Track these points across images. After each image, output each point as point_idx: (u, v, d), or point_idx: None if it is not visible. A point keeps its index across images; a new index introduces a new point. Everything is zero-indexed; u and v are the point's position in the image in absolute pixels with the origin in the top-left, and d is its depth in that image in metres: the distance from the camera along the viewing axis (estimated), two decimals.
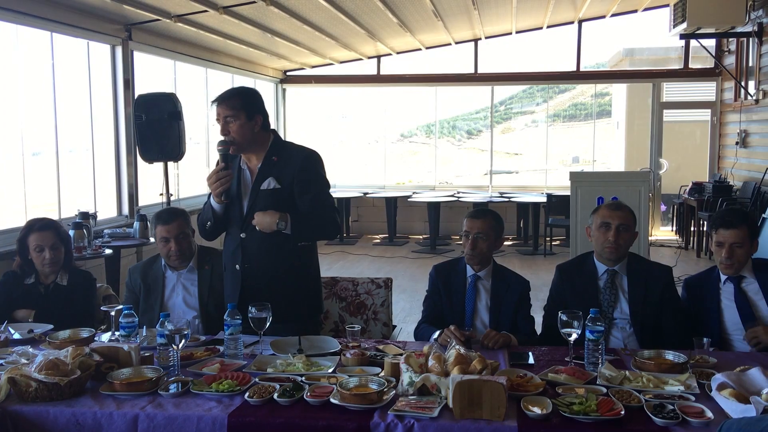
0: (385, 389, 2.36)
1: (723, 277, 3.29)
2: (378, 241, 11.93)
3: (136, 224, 6.40)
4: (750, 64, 9.96)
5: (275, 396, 2.36)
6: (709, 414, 2.18)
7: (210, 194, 3.34)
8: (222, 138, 3.18)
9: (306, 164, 3.25)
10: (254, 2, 7.43)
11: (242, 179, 3.29)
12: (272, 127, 3.37)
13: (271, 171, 3.23)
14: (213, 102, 3.23)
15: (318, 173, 3.29)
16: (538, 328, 3.42)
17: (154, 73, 8.71)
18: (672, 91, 12.47)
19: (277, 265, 3.26)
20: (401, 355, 2.60)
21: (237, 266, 3.29)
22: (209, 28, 8.41)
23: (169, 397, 2.42)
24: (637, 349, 2.96)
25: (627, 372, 2.57)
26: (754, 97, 9.62)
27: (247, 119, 3.18)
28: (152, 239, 4.23)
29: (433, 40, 11.92)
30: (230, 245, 3.34)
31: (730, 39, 10.54)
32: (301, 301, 3.33)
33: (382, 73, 12.57)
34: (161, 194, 7.06)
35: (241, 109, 3.17)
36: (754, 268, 3.27)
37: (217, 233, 3.39)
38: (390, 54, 12.28)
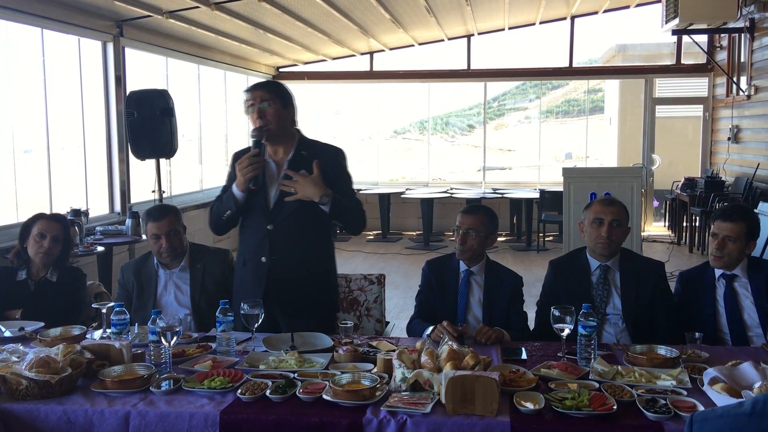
0: (378, 385, 2.36)
1: (717, 274, 3.30)
2: (371, 237, 11.92)
3: (128, 221, 6.38)
4: (742, 60, 9.99)
5: (267, 393, 2.35)
6: (701, 408, 2.18)
7: (224, 188, 3.33)
8: (257, 125, 3.16)
9: (340, 161, 3.31)
10: None
11: (267, 171, 3.25)
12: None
13: (303, 164, 3.20)
14: (248, 90, 3.21)
15: (348, 172, 3.35)
16: (531, 324, 3.42)
17: (146, 69, 8.67)
18: (664, 86, 12.50)
19: (306, 257, 3.25)
20: (394, 351, 2.60)
21: (263, 258, 3.23)
22: (201, 25, 8.38)
23: (160, 394, 2.41)
24: (629, 344, 2.96)
25: (619, 367, 2.57)
26: (746, 93, 9.64)
27: (283, 107, 3.20)
28: (144, 236, 4.22)
29: (425, 36, 11.90)
30: (252, 237, 3.28)
31: (722, 35, 10.56)
32: (324, 297, 3.35)
33: (375, 69, 12.55)
34: (153, 191, 7.03)
35: (278, 95, 3.19)
36: (748, 268, 3.26)
37: (232, 225, 3.34)
38: (383, 50, 12.26)
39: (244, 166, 3.14)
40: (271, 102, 3.16)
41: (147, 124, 6.45)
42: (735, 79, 10.15)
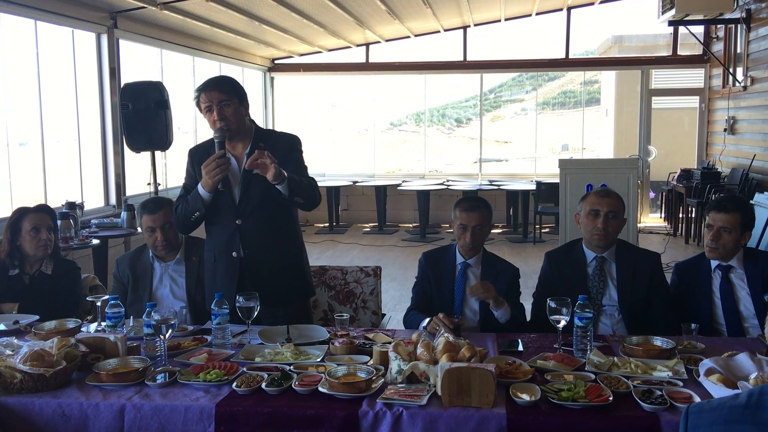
0: (374, 378, 2.35)
1: (713, 265, 3.30)
2: (368, 229, 11.92)
3: (124, 214, 6.36)
4: (738, 51, 9.97)
5: (263, 385, 2.35)
6: (697, 399, 2.19)
7: (185, 186, 3.33)
8: (218, 126, 3.15)
9: (295, 146, 3.34)
10: None
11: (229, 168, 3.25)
12: (256, 116, 3.35)
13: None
14: (200, 89, 3.19)
15: (302, 156, 3.38)
16: (528, 315, 3.42)
17: (141, 61, 8.63)
18: (660, 78, 12.49)
19: (277, 247, 3.27)
20: (390, 343, 2.59)
21: (234, 253, 3.24)
22: (196, 16, 8.33)
23: (156, 387, 2.40)
24: (625, 336, 2.96)
25: (615, 358, 2.57)
26: (742, 84, 9.64)
27: (240, 104, 3.20)
28: (139, 229, 4.21)
29: (421, 27, 11.86)
30: (221, 234, 3.28)
31: (719, 25, 10.55)
32: (299, 284, 3.36)
33: (371, 61, 12.51)
34: (149, 184, 7.01)
35: (234, 93, 3.18)
36: (744, 259, 3.26)
37: (200, 223, 3.35)
38: (379, 42, 12.22)
39: (212, 169, 3.11)
40: (229, 101, 3.15)
41: (142, 117, 6.42)
42: (731, 70, 10.13)
